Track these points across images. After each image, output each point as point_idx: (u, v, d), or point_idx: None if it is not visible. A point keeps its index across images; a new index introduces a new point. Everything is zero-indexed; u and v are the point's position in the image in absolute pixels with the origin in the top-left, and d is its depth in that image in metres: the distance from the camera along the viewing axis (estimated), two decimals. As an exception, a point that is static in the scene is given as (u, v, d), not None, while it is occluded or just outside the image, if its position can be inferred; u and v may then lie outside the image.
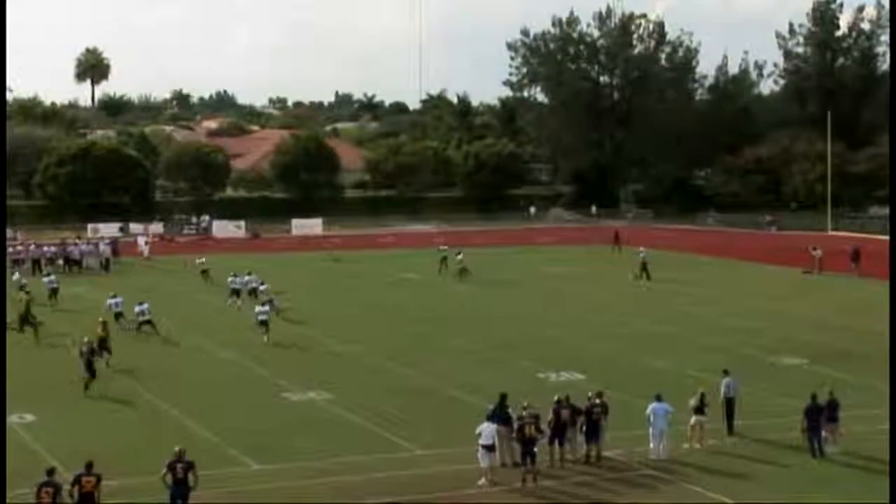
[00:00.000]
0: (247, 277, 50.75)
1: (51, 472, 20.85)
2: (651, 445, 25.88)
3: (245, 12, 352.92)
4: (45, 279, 51.97)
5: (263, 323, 41.02)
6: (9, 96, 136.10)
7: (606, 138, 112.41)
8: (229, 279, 50.83)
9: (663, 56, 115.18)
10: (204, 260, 59.87)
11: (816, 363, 36.33)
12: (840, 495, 23.55)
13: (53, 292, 49.61)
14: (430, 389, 33.28)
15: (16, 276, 53.64)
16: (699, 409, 26.74)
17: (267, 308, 42.40)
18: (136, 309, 42.40)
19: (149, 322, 41.97)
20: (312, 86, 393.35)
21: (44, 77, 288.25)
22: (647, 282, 57.31)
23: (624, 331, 43.24)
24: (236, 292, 49.46)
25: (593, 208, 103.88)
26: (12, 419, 29.16)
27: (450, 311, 48.71)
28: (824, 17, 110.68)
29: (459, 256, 60.17)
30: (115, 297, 44.14)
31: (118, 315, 42.88)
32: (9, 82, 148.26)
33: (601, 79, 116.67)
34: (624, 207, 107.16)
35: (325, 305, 49.93)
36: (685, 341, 40.86)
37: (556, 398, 25.89)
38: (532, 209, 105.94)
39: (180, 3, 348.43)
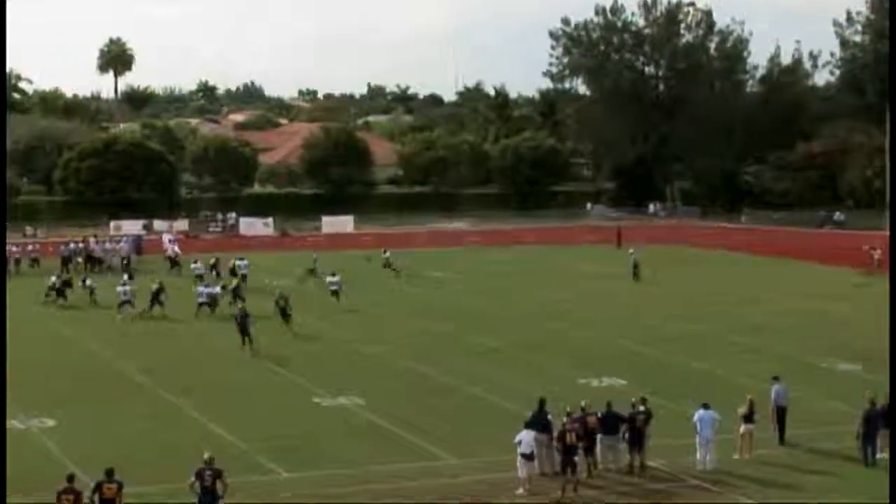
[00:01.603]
0: (240, 262, 56.17)
1: (71, 478, 21.03)
2: (697, 455, 25.79)
3: (273, 1, 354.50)
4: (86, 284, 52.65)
5: (335, 293, 48.78)
6: (29, 88, 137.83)
7: (651, 132, 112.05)
8: (192, 265, 56.55)
9: (712, 46, 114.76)
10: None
11: (871, 369, 36.02)
12: (896, 508, 23.36)
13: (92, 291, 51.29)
14: (465, 394, 33.31)
15: (52, 278, 53.67)
16: (748, 418, 26.64)
17: (338, 279, 49.47)
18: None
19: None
20: (343, 77, 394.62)
21: (65, 68, 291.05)
22: (637, 283, 57.40)
23: (664, 333, 43.16)
24: (200, 277, 54.15)
25: (651, 207, 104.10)
26: (32, 423, 29.50)
27: (483, 311, 48.81)
28: (883, 4, 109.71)
29: (386, 254, 62.33)
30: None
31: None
32: (29, 73, 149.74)
33: (646, 70, 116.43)
34: (657, 206, 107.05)
35: (355, 305, 50.06)
36: (730, 344, 40.73)
37: (581, 404, 25.91)
38: (588, 205, 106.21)
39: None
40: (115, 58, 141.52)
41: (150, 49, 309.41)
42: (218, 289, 48.85)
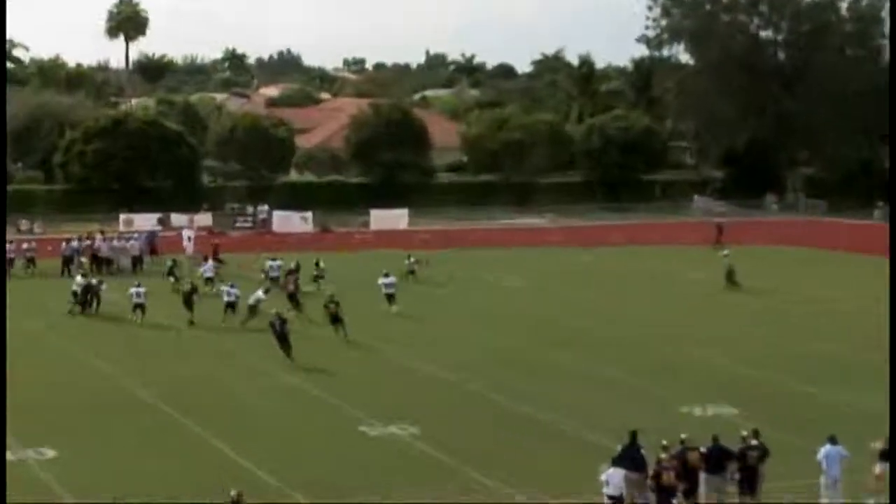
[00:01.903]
0: (270, 263, 58.05)
1: (74, 518, 21.34)
2: (823, 498, 25.67)
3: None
4: (133, 290, 51.03)
5: (390, 296, 50.95)
6: (25, 56, 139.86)
7: (768, 109, 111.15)
8: (201, 267, 58.22)
9: (843, 5, 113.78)
10: None
11: None
12: None
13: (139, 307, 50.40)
14: (538, 422, 33.35)
15: (78, 277, 54.20)
16: (885, 455, 26.42)
17: (392, 280, 51.94)
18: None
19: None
20: (397, 44, 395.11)
21: (69, 33, 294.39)
22: (735, 288, 57.60)
23: (777, 351, 43.06)
24: (209, 280, 56.63)
25: (767, 199, 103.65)
26: (28, 454, 29.91)
27: (563, 326, 48.81)
28: None
29: (411, 259, 62.89)
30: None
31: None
32: (26, 40, 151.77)
33: (762, 34, 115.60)
34: (769, 198, 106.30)
35: (408, 317, 50.28)
36: (858, 366, 40.46)
37: (681, 438, 25.84)
38: (695, 197, 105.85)
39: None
40: (127, 20, 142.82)
41: (168, 10, 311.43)
42: (261, 293, 48.87)
